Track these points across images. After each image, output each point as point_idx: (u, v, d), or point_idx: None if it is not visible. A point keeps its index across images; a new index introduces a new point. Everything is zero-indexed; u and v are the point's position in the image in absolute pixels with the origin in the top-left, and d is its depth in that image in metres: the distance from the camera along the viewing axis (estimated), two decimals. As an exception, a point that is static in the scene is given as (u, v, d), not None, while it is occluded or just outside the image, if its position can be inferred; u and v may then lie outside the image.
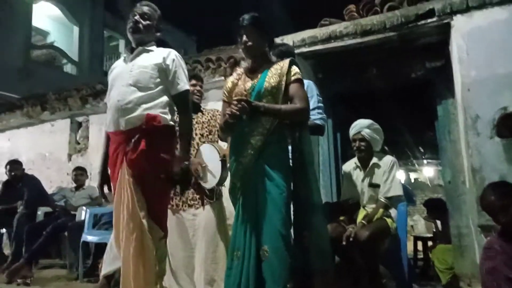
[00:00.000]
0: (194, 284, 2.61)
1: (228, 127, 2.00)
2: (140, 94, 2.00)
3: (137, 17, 2.11)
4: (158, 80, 2.04)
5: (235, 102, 1.86)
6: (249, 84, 2.03)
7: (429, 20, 3.19)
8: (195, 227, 2.65)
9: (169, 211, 2.64)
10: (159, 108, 2.02)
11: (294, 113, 1.95)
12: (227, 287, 1.92)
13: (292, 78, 1.97)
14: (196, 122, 2.77)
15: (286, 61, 2.02)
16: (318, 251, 1.90)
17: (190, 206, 2.67)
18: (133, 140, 1.95)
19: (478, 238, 2.82)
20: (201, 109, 2.89)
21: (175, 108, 2.12)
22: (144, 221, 1.90)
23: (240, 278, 1.81)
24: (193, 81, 2.80)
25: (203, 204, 2.66)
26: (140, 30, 2.11)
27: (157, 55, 2.09)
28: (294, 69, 2.00)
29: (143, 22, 2.12)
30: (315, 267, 1.89)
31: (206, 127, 2.78)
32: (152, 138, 1.96)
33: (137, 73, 2.04)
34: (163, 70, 2.06)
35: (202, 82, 2.94)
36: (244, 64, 2.18)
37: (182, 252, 2.64)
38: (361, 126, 2.87)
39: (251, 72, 2.08)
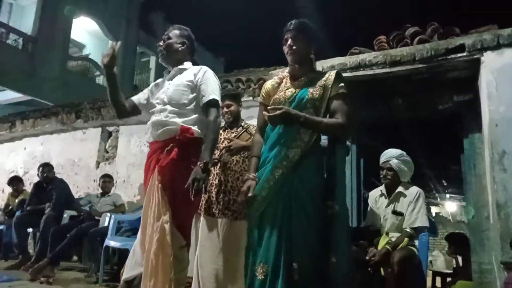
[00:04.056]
0: None
1: (262, 129, 2.02)
2: (173, 109, 2.15)
3: (160, 43, 2.29)
4: (190, 96, 2.18)
5: (271, 109, 1.81)
6: (290, 92, 1.96)
7: (459, 55, 3.24)
8: (228, 239, 2.63)
9: (203, 220, 2.72)
10: (191, 122, 2.15)
11: (334, 127, 1.86)
12: None
13: (338, 91, 1.89)
14: (234, 136, 2.86)
15: (333, 73, 1.95)
16: (342, 273, 1.78)
17: (224, 215, 2.67)
18: (166, 149, 2.08)
19: (500, 275, 2.76)
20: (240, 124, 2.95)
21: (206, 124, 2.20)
22: (166, 226, 1.98)
23: None
24: (226, 102, 2.89)
25: (238, 217, 2.67)
26: (165, 55, 2.29)
27: (190, 73, 2.24)
28: (340, 83, 1.92)
29: (166, 46, 2.27)
30: None
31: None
32: (184, 148, 2.08)
33: (171, 92, 2.20)
34: (194, 87, 2.19)
35: (232, 100, 2.97)
36: (287, 69, 2.09)
37: (212, 264, 2.61)
38: (390, 155, 2.92)
39: (294, 79, 2.01)
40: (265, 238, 1.78)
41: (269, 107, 1.86)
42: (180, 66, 2.28)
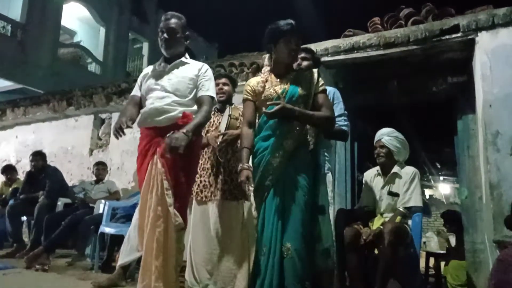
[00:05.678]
0: (214, 281, 2.55)
1: (250, 122, 2.14)
2: (177, 99, 2.25)
3: (165, 35, 2.30)
4: (193, 90, 2.30)
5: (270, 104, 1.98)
6: (280, 88, 2.11)
7: (453, 36, 3.22)
8: (220, 222, 2.60)
9: (196, 204, 2.70)
10: (192, 112, 2.25)
11: (324, 120, 2.07)
12: (253, 282, 1.99)
13: (320, 88, 2.12)
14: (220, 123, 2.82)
15: (314, 72, 2.15)
16: (321, 251, 2.04)
17: (215, 197, 2.63)
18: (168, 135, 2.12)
19: (493, 254, 2.79)
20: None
21: None
22: (171, 209, 2.06)
23: (265, 274, 1.88)
24: (216, 80, 2.83)
25: (228, 198, 2.64)
26: (171, 47, 2.33)
27: (193, 67, 2.35)
28: (321, 80, 2.15)
29: (173, 38, 2.31)
30: (318, 266, 2.02)
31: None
32: None
33: (176, 82, 2.29)
34: (196, 81, 2.31)
35: (229, 81, 2.93)
36: (267, 67, 2.23)
37: (204, 247, 2.61)
38: (382, 133, 2.96)
39: (279, 77, 2.16)
40: (266, 222, 1.97)
41: (268, 103, 2.02)
42: (183, 59, 2.37)
